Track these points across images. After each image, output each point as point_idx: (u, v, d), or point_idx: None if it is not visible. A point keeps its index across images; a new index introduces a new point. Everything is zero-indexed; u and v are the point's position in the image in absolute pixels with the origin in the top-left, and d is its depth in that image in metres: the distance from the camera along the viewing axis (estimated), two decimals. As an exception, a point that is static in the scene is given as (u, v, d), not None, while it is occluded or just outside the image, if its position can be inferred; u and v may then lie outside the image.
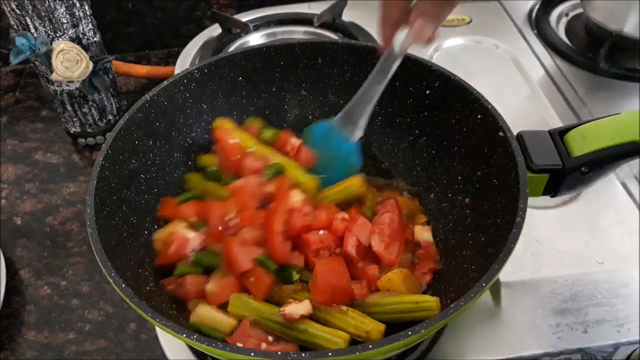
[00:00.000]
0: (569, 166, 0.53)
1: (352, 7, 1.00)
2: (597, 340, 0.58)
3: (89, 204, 0.51)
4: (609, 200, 0.71)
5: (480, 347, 0.58)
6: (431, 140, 0.67)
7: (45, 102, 0.95)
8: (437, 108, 0.65)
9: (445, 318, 0.42)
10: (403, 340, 0.41)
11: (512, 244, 0.46)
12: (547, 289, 0.62)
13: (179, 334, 0.42)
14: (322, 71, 0.70)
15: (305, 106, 0.73)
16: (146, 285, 0.53)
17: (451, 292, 0.54)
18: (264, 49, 0.68)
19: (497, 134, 0.55)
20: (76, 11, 0.74)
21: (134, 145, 0.60)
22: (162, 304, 0.54)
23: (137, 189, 0.60)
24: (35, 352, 0.63)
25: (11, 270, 0.71)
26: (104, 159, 0.55)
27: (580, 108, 0.84)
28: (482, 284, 0.44)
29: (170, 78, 0.64)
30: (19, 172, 0.84)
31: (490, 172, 0.57)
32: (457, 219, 0.61)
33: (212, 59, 0.66)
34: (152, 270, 0.57)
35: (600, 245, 0.66)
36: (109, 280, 0.46)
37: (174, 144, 0.65)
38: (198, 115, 0.67)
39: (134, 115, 0.60)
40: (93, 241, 0.48)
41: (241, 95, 0.70)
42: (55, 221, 0.77)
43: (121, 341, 0.64)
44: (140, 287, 0.51)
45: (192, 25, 1.06)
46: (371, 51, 0.67)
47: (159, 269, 0.58)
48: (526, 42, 0.97)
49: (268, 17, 0.99)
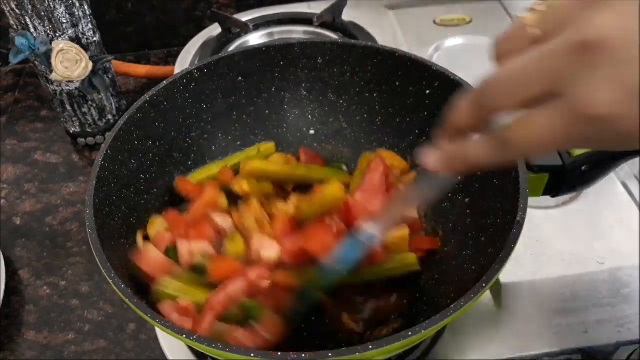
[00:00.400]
0: (570, 165, 0.53)
1: (352, 7, 1.00)
2: (597, 340, 0.58)
3: (88, 204, 0.51)
4: (610, 200, 0.71)
5: (480, 347, 0.58)
6: (431, 141, 0.67)
7: (45, 102, 0.95)
8: (438, 108, 0.65)
9: (445, 318, 0.42)
10: (403, 341, 0.41)
11: (512, 244, 0.46)
12: (547, 289, 0.62)
13: (178, 334, 0.42)
14: (322, 71, 0.70)
15: (305, 106, 0.73)
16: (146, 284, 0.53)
17: (451, 292, 0.54)
18: (264, 48, 0.68)
19: None
20: (76, 11, 0.74)
21: (134, 145, 0.60)
22: None
23: (136, 189, 0.60)
24: (35, 352, 0.63)
25: (11, 270, 0.71)
26: (104, 160, 0.54)
27: (580, 108, 0.84)
28: (482, 284, 0.44)
29: (170, 78, 0.63)
30: (18, 172, 0.84)
31: (490, 172, 0.57)
32: (457, 219, 0.61)
33: (212, 59, 0.66)
34: None
35: (600, 246, 0.66)
36: (108, 280, 0.46)
37: (174, 144, 0.65)
38: (197, 116, 0.67)
39: (133, 116, 0.59)
40: (92, 241, 0.48)
41: (241, 95, 0.70)
42: (55, 221, 0.77)
43: (121, 341, 0.64)
44: (139, 288, 0.51)
45: (191, 25, 1.06)
46: (371, 51, 0.67)
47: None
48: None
49: (268, 16, 0.99)
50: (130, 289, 0.45)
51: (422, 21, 1.01)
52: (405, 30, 0.99)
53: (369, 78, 0.68)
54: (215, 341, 0.41)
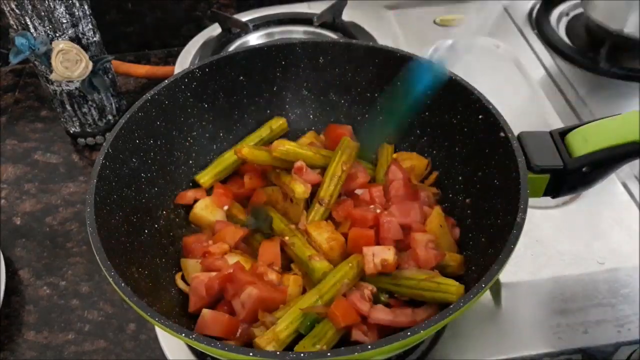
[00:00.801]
0: (570, 167, 0.53)
1: (352, 7, 1.00)
2: (597, 340, 0.58)
3: (89, 202, 0.51)
4: (610, 200, 0.71)
5: (480, 347, 0.58)
6: (432, 141, 0.67)
7: (45, 102, 0.95)
8: (438, 108, 0.65)
9: (445, 319, 0.42)
10: (402, 341, 0.41)
11: (512, 245, 0.46)
12: (547, 289, 0.62)
13: (178, 334, 0.42)
14: (323, 71, 0.70)
15: (306, 105, 0.73)
16: (146, 284, 0.53)
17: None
18: (266, 48, 0.68)
19: (498, 135, 0.55)
20: (76, 11, 0.74)
21: (135, 144, 0.60)
22: (163, 302, 0.54)
23: (137, 188, 0.60)
24: (35, 353, 0.63)
25: (11, 270, 0.71)
26: (105, 158, 0.55)
27: (580, 108, 0.84)
28: (482, 284, 0.44)
29: (171, 77, 0.64)
30: (18, 172, 0.84)
31: (491, 173, 0.57)
32: (458, 220, 0.61)
33: (214, 58, 0.66)
34: (151, 269, 0.57)
35: (600, 246, 0.66)
36: (108, 279, 0.46)
37: (175, 143, 0.65)
38: (199, 115, 0.67)
39: (135, 114, 0.60)
40: (93, 240, 0.48)
41: (242, 94, 0.70)
42: (55, 221, 0.77)
43: (121, 341, 0.64)
44: (139, 287, 0.51)
45: (191, 25, 1.06)
46: (372, 51, 0.67)
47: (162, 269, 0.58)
48: (526, 42, 0.97)
49: (268, 16, 0.99)
50: (130, 287, 0.45)
51: (422, 21, 1.01)
52: (405, 30, 0.99)
53: (370, 78, 0.69)
54: (214, 341, 0.41)
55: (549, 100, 0.85)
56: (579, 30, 1.00)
